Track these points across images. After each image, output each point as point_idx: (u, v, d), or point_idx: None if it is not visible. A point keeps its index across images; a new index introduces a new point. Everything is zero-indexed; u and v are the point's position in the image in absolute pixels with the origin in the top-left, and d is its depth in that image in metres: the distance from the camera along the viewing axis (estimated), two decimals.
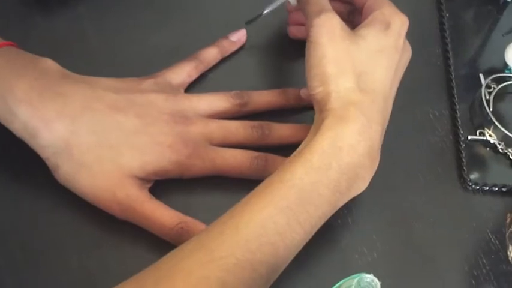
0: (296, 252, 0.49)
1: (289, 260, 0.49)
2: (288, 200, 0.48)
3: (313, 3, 0.55)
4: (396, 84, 0.55)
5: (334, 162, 0.49)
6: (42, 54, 0.56)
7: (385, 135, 0.53)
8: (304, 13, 0.56)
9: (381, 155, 0.52)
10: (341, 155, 0.50)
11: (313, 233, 0.50)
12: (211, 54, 0.63)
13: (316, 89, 0.52)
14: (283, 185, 0.48)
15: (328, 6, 0.55)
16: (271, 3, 0.62)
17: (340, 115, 0.51)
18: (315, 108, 0.53)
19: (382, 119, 0.52)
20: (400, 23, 0.54)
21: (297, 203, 0.48)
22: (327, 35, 0.52)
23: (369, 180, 0.52)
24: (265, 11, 0.62)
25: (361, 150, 0.50)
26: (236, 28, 0.65)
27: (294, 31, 0.65)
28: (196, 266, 0.45)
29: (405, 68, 0.56)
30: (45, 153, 0.53)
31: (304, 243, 0.50)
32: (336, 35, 0.53)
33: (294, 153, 0.51)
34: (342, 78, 0.52)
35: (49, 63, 0.55)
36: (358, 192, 0.52)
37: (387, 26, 0.54)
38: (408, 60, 0.56)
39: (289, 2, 0.61)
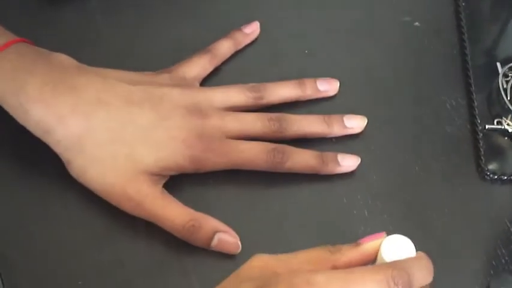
0: None
1: None
2: None
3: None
4: None
5: None
6: (54, 49, 0.56)
7: (402, 125, 0.53)
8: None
9: (397, 145, 0.52)
10: None
11: None
12: (225, 48, 0.62)
13: None
14: None
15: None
16: None
17: None
18: None
19: None
20: None
21: None
22: None
23: None
24: None
25: None
26: (250, 19, 0.64)
27: None
28: None
29: None
30: (58, 148, 0.53)
31: None
32: None
33: None
34: None
35: (62, 58, 0.55)
36: None
37: None
38: None
39: None
